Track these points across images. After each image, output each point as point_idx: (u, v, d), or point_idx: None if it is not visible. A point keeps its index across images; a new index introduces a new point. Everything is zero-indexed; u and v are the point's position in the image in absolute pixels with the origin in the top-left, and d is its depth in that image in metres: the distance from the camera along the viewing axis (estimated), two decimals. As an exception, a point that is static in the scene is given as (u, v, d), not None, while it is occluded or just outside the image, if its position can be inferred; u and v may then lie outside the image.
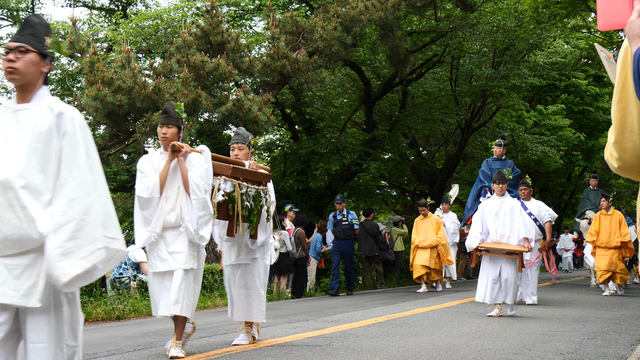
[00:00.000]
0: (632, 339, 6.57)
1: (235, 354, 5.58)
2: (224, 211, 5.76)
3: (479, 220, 8.89)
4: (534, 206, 10.82)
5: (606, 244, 12.54)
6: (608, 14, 2.16)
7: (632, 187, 30.76)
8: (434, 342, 6.24)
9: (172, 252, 5.42)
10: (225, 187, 5.76)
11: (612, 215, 12.69)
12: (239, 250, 6.15)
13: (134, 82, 11.94)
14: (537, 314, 9.00)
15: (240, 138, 6.35)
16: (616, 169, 2.26)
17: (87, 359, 5.61)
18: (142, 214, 5.52)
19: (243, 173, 5.92)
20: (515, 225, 8.71)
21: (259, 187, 6.09)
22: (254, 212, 5.96)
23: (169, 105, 5.69)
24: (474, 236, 8.87)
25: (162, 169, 5.53)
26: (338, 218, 13.97)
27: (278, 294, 13.22)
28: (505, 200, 8.86)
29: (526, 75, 20.95)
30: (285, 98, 20.60)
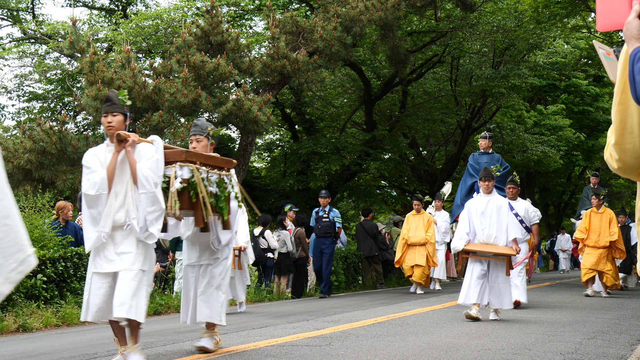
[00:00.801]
0: (632, 339, 6.57)
1: (235, 354, 5.58)
2: (187, 199, 5.29)
3: (466, 220, 8.44)
4: (520, 207, 10.23)
5: (595, 243, 12.21)
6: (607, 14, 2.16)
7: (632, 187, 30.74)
8: (434, 342, 6.24)
9: (120, 253, 5.00)
10: (182, 173, 5.29)
11: (603, 214, 12.34)
12: (202, 249, 5.80)
13: (134, 82, 11.94)
14: (537, 314, 9.00)
15: (198, 129, 5.92)
16: (616, 169, 2.26)
17: (87, 359, 5.61)
18: (89, 212, 5.05)
19: (200, 157, 5.49)
20: (503, 225, 8.28)
21: (221, 173, 5.66)
22: (221, 199, 5.56)
23: (111, 93, 5.27)
24: (459, 237, 8.40)
25: (109, 163, 5.08)
26: (320, 214, 13.27)
27: (278, 294, 13.21)
28: (492, 199, 8.39)
29: (526, 75, 20.96)
30: (285, 98, 20.60)
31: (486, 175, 8.43)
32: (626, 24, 2.09)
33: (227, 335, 6.95)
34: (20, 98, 21.32)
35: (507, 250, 8.19)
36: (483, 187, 8.43)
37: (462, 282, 9.61)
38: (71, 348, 6.30)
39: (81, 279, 9.33)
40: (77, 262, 9.13)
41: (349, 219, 27.64)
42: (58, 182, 11.86)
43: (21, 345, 6.68)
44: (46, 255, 8.64)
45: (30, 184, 12.54)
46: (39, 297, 8.49)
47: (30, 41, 21.53)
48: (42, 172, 11.95)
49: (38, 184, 12.14)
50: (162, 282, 11.17)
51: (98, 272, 5.01)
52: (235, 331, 7.27)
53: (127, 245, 5.01)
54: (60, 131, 11.93)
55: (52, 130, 11.89)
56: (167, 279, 11.45)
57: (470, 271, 8.28)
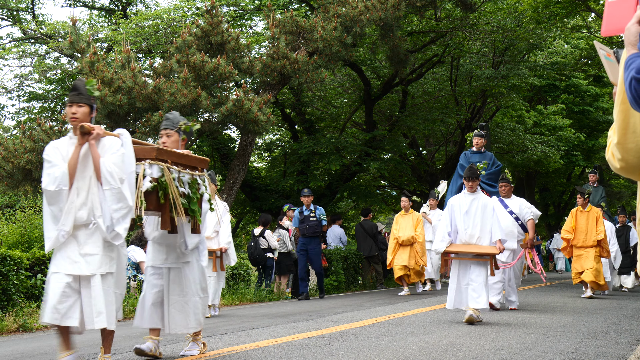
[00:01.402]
0: (632, 339, 6.57)
1: (236, 354, 5.58)
2: (154, 200, 4.90)
3: (448, 219, 8.08)
4: (515, 204, 9.90)
5: (583, 243, 11.94)
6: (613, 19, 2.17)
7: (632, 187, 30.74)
8: (434, 342, 6.24)
9: (85, 255, 4.65)
10: (151, 172, 4.89)
11: (588, 213, 12.04)
12: (169, 251, 5.41)
13: (134, 82, 11.95)
14: (537, 314, 9.00)
15: (170, 123, 5.51)
16: (618, 169, 2.26)
17: (87, 359, 5.61)
18: (50, 209, 4.69)
19: (171, 155, 5.12)
20: (487, 225, 7.94)
21: (194, 173, 5.29)
22: (193, 201, 5.17)
23: (79, 82, 4.91)
24: (441, 238, 8.06)
25: (70, 156, 4.72)
26: (305, 214, 12.79)
27: (278, 294, 13.22)
28: (477, 197, 8.05)
29: (526, 75, 20.97)
30: (285, 98, 20.61)
31: (471, 175, 8.10)
32: (626, 28, 2.10)
33: (227, 335, 6.95)
34: (20, 98, 21.33)
35: (490, 250, 7.89)
36: (467, 186, 8.10)
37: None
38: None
39: (81, 279, 9.33)
40: (77, 262, 9.13)
41: (349, 219, 27.64)
42: (58, 182, 11.84)
43: (21, 345, 6.68)
44: (46, 255, 8.64)
45: (30, 184, 12.54)
46: (39, 297, 8.49)
47: (30, 41, 21.53)
48: (42, 172, 11.94)
49: (38, 184, 12.13)
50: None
51: (58, 273, 4.65)
52: (235, 331, 7.27)
53: (93, 246, 4.67)
54: (60, 131, 11.93)
55: (52, 130, 11.90)
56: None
57: (456, 275, 7.96)
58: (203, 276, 5.55)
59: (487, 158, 10.73)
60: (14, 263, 8.38)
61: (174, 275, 5.40)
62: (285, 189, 19.83)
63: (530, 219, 9.81)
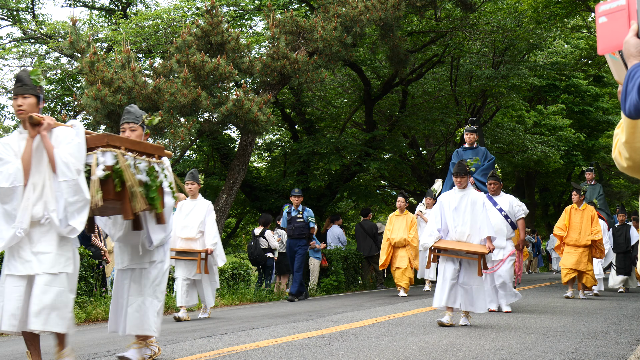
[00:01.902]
0: (632, 339, 6.57)
1: (236, 354, 5.58)
2: (111, 189, 4.62)
3: (437, 215, 7.85)
4: (504, 201, 9.56)
5: (575, 242, 11.61)
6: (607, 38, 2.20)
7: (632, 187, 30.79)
8: (434, 342, 6.24)
9: (38, 253, 4.40)
10: (104, 159, 4.61)
11: (583, 211, 11.69)
12: (134, 251, 5.17)
13: (134, 82, 11.94)
14: (537, 314, 9.00)
15: (132, 117, 5.26)
16: (625, 168, 2.25)
17: (87, 359, 5.61)
18: (3, 208, 4.44)
19: (124, 142, 4.83)
20: (478, 222, 7.69)
21: (151, 160, 4.99)
22: (152, 189, 4.89)
23: (22, 72, 4.66)
24: (429, 233, 7.80)
25: (23, 151, 4.47)
26: (292, 214, 12.60)
27: (278, 294, 13.22)
28: (467, 194, 7.81)
29: (526, 75, 20.96)
30: (285, 98, 20.61)
31: (460, 171, 7.85)
32: (624, 42, 2.11)
33: (227, 335, 6.95)
34: (20, 98, 21.28)
35: (480, 249, 7.59)
36: (456, 182, 7.86)
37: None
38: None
39: (81, 279, 9.34)
40: (77, 262, 9.12)
41: (349, 219, 27.64)
42: (58, 182, 11.84)
43: (21, 345, 6.67)
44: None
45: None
46: (39, 297, 8.48)
47: (30, 41, 21.52)
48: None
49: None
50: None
51: (11, 275, 4.42)
52: (235, 331, 7.27)
53: (46, 244, 4.42)
54: (60, 131, 11.91)
55: (52, 130, 11.87)
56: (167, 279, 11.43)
57: (442, 271, 7.73)
58: (163, 279, 5.25)
59: (480, 154, 10.36)
60: (14, 263, 8.37)
61: (136, 275, 5.16)
62: (285, 189, 19.82)
63: (521, 218, 9.57)
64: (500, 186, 9.69)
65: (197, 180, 9.14)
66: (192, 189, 9.04)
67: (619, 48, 2.15)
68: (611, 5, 2.18)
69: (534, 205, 30.77)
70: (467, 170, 7.93)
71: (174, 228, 8.55)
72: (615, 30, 2.16)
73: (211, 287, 9.26)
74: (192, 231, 8.92)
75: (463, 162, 8.16)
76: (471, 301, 7.59)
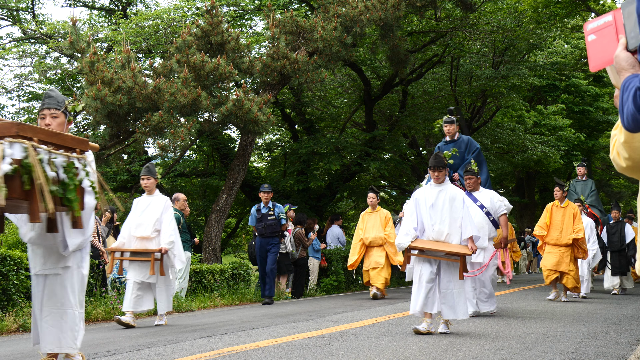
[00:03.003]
0: (632, 339, 6.57)
1: (236, 354, 5.58)
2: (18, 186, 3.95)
3: (413, 213, 7.09)
4: (485, 197, 8.81)
5: (556, 241, 10.84)
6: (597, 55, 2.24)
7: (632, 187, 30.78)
8: (434, 342, 6.24)
9: None
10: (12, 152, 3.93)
11: (566, 208, 10.92)
12: (47, 255, 4.57)
13: (134, 82, 11.95)
14: (537, 314, 9.00)
15: (54, 102, 4.66)
16: (624, 168, 2.25)
17: (87, 359, 5.61)
18: None
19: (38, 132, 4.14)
20: (457, 220, 6.95)
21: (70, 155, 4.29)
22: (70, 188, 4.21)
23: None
24: (405, 232, 7.01)
25: None
26: (263, 212, 11.78)
27: (278, 294, 13.22)
28: (445, 189, 7.05)
29: (526, 75, 20.98)
30: (285, 98, 20.62)
31: (436, 163, 7.09)
32: (615, 57, 2.13)
33: (227, 335, 6.95)
34: (20, 98, 21.32)
35: (461, 249, 6.85)
36: (433, 176, 7.10)
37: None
38: (71, 348, 6.29)
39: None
40: (77, 262, 9.12)
41: (349, 219, 27.65)
42: (58, 182, 11.84)
43: (21, 345, 6.67)
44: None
45: (30, 184, 12.51)
46: (39, 297, 8.49)
47: (30, 41, 21.52)
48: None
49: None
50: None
51: None
52: (235, 331, 7.27)
53: None
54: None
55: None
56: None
57: (418, 274, 6.98)
58: (82, 286, 4.68)
59: (463, 145, 9.42)
60: (14, 263, 8.39)
61: (50, 282, 4.56)
62: (285, 189, 19.84)
63: (503, 214, 8.80)
64: (478, 181, 8.89)
65: (154, 174, 8.43)
66: (147, 184, 8.35)
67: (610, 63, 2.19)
68: (599, 23, 2.21)
69: (534, 205, 30.77)
70: (445, 162, 7.20)
71: (129, 227, 8.26)
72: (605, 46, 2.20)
73: (166, 292, 8.40)
74: (147, 230, 8.20)
75: (440, 153, 7.38)
76: (452, 307, 6.84)
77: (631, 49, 2.10)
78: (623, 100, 2.07)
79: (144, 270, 8.19)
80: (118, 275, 10.61)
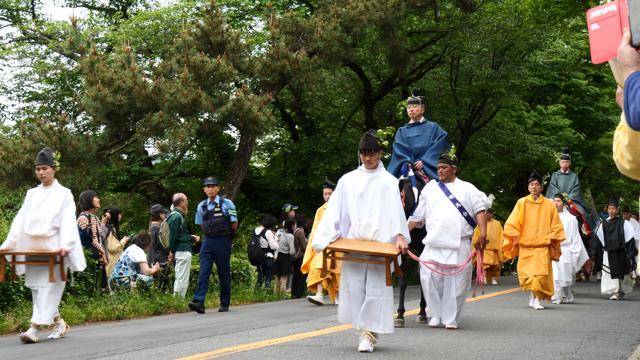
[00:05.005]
0: (632, 339, 6.57)
1: (236, 354, 5.58)
2: None
3: (336, 204, 5.86)
4: (459, 190, 7.52)
5: (532, 242, 9.57)
6: (600, 46, 2.15)
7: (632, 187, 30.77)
8: (434, 342, 6.24)
9: None
10: None
11: (541, 205, 9.67)
12: None
13: (134, 82, 11.95)
14: (537, 314, 9.00)
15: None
16: (627, 171, 2.23)
17: (87, 359, 5.61)
18: None
19: None
20: (389, 214, 5.77)
21: None
22: None
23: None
24: (323, 231, 5.77)
25: None
26: (209, 208, 10.19)
27: (278, 294, 13.22)
28: (377, 176, 5.87)
29: (526, 75, 20.98)
30: (285, 98, 20.62)
31: (367, 146, 5.87)
32: (619, 52, 2.08)
33: (227, 335, 6.95)
34: (20, 98, 21.32)
35: (388, 249, 5.69)
36: (364, 161, 5.91)
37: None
38: (71, 348, 6.30)
39: (81, 279, 9.34)
40: (77, 262, 9.11)
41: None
42: (58, 182, 11.86)
43: (21, 345, 6.68)
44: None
45: (30, 184, 12.53)
46: (39, 297, 8.49)
47: (30, 41, 21.52)
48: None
49: (38, 184, 12.12)
50: (162, 282, 11.17)
51: None
52: (235, 331, 7.27)
53: None
54: (60, 131, 11.94)
55: (52, 130, 11.90)
56: (167, 279, 11.45)
57: (344, 282, 5.84)
58: None
59: (429, 130, 8.24)
60: (14, 263, 8.38)
61: None
62: (285, 189, 19.84)
63: (480, 211, 7.52)
64: (453, 170, 7.61)
65: (50, 162, 7.16)
66: (44, 174, 7.10)
67: (614, 56, 2.11)
68: (602, 12, 2.13)
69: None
70: (379, 144, 5.95)
71: (21, 223, 7.02)
72: (608, 37, 2.12)
73: (55, 300, 7.04)
74: (44, 227, 6.92)
75: (372, 133, 6.08)
76: (376, 318, 5.61)
77: (635, 44, 2.04)
78: (628, 100, 2.04)
79: (42, 275, 6.93)
80: (118, 276, 10.62)
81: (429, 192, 7.60)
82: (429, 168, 8.08)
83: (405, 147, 8.25)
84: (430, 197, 7.55)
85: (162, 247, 11.41)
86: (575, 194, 13.13)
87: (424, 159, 8.17)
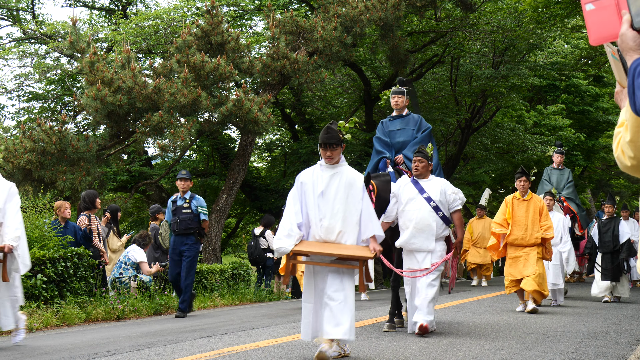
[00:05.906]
0: (632, 339, 6.57)
1: (236, 354, 5.58)
2: None
3: (297, 203, 5.33)
4: (434, 187, 6.92)
5: (521, 241, 9.09)
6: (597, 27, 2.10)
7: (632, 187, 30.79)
8: (434, 342, 6.24)
9: None
10: None
11: (529, 201, 9.21)
12: None
13: (134, 82, 11.95)
14: (536, 314, 8.99)
15: None
16: (628, 167, 2.22)
17: (87, 359, 5.61)
18: None
19: None
20: (354, 214, 5.30)
21: None
22: None
23: None
24: (286, 232, 5.24)
25: None
26: (178, 204, 9.57)
27: (278, 294, 13.22)
28: (340, 172, 5.45)
29: (526, 75, 20.98)
30: (285, 98, 20.62)
31: (328, 140, 5.39)
32: (620, 35, 2.03)
33: (227, 335, 6.95)
34: (20, 98, 21.33)
35: (361, 252, 5.23)
36: (324, 156, 5.44)
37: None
38: (71, 348, 6.30)
39: (81, 279, 9.34)
40: (77, 262, 9.14)
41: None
42: (58, 182, 11.87)
43: (21, 345, 6.67)
44: (46, 255, 8.65)
45: (30, 184, 12.55)
46: (39, 297, 8.50)
47: (30, 41, 21.52)
48: (42, 172, 11.97)
49: (38, 184, 12.14)
50: (162, 282, 11.17)
51: None
52: (235, 331, 7.27)
53: None
54: (60, 131, 11.94)
55: (52, 130, 11.90)
56: (167, 279, 11.45)
57: (311, 292, 5.34)
58: None
59: (412, 123, 7.78)
60: (14, 263, 8.38)
61: None
62: (285, 189, 19.84)
63: (456, 210, 6.96)
64: (429, 167, 7.02)
65: None
66: None
67: (614, 38, 2.05)
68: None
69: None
70: (340, 138, 5.50)
71: None
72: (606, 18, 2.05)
73: (10, 302, 6.49)
74: None
75: (333, 125, 5.61)
76: (337, 323, 5.10)
77: (637, 27, 1.98)
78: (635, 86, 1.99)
79: None
80: (118, 275, 10.62)
81: (401, 188, 6.93)
82: (410, 162, 7.41)
83: (386, 141, 7.83)
84: (403, 194, 6.89)
85: (161, 247, 11.41)
86: (569, 191, 12.51)
87: (405, 153, 7.71)
